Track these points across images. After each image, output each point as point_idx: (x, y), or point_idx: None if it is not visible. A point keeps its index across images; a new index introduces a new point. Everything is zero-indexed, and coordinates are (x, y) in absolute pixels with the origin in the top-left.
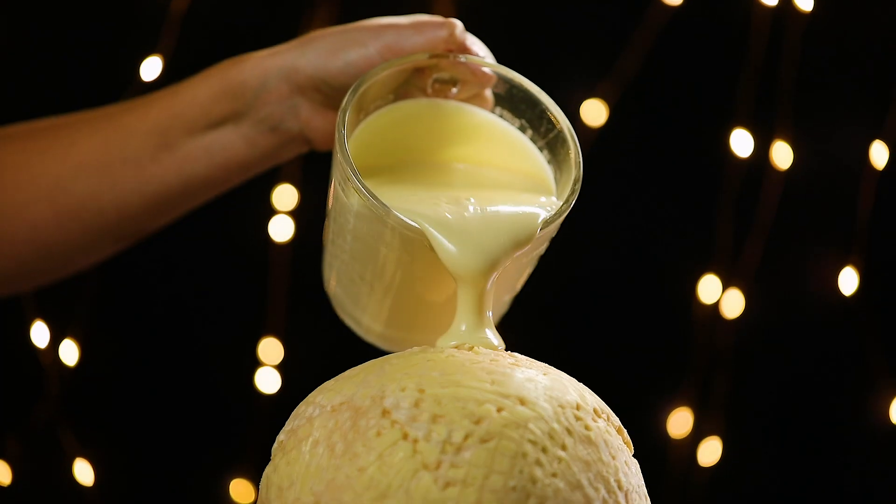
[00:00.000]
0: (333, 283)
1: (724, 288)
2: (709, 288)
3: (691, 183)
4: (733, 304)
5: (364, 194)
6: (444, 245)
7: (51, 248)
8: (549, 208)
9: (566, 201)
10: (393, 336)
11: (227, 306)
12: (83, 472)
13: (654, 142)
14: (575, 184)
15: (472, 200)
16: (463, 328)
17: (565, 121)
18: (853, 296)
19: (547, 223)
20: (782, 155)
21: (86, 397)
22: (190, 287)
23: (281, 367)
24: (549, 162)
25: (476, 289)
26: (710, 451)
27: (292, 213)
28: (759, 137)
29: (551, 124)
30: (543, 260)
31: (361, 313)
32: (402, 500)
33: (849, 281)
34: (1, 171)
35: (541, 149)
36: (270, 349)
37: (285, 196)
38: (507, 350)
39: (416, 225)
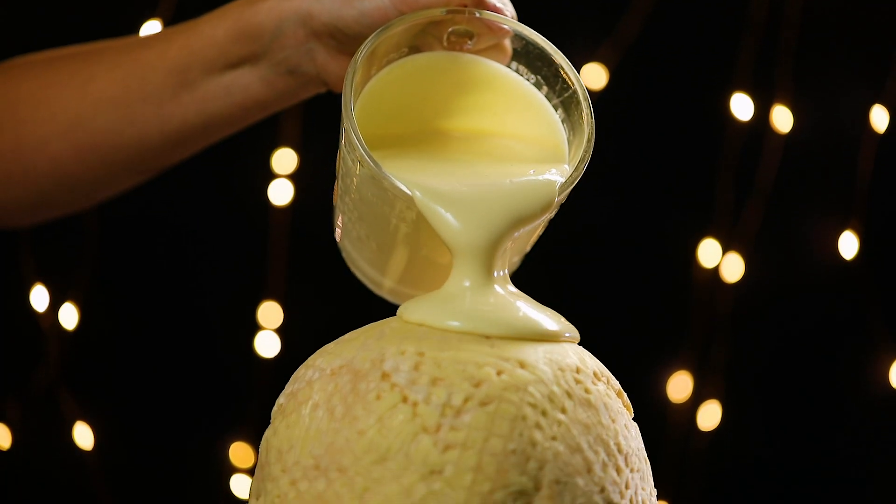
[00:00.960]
0: (343, 239)
1: (724, 252)
2: (708, 252)
3: (691, 147)
4: (733, 268)
5: (367, 162)
6: (443, 219)
7: (72, 181)
8: (559, 175)
9: (576, 169)
10: (403, 292)
11: (227, 270)
12: (83, 435)
13: (655, 106)
14: (586, 152)
15: (477, 172)
16: (466, 284)
17: (580, 82)
18: (853, 260)
19: (556, 196)
20: (783, 119)
21: (85, 361)
22: (190, 251)
23: (281, 331)
24: (562, 121)
25: (477, 262)
26: (709, 415)
27: (292, 177)
28: (759, 101)
29: (566, 84)
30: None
31: (370, 269)
32: (402, 463)
33: (849, 245)
34: (21, 104)
35: (555, 107)
36: (270, 313)
37: (285, 160)
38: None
39: (409, 193)
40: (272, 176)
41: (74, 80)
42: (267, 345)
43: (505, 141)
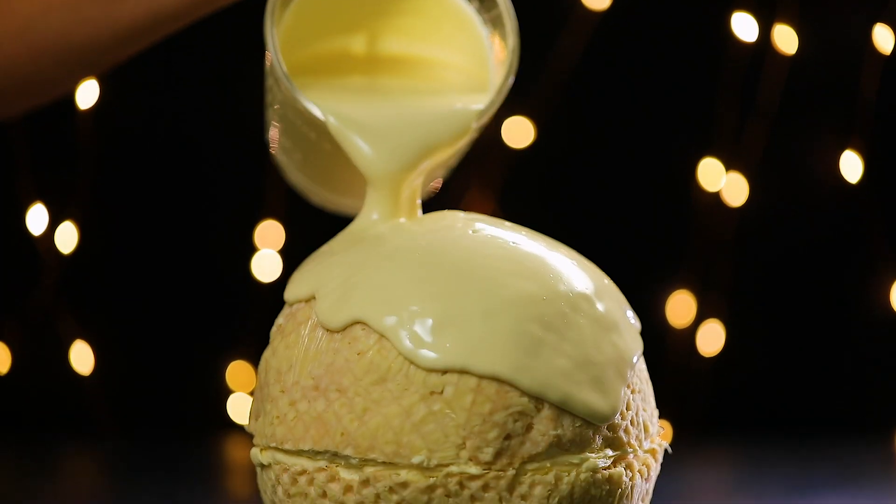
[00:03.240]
0: (276, 151)
1: (726, 173)
2: (710, 173)
3: (693, 67)
4: (735, 189)
5: (285, 84)
6: (355, 147)
7: (27, 80)
8: (477, 103)
9: (492, 100)
10: (334, 200)
11: (227, 188)
12: (81, 358)
13: (656, 25)
14: (504, 80)
15: (396, 100)
16: (374, 217)
17: (506, 2)
18: (857, 182)
19: (474, 122)
20: (786, 39)
21: (83, 282)
22: (189, 169)
23: (282, 253)
24: (491, 38)
25: (388, 190)
26: (710, 337)
27: None
28: (762, 21)
29: (494, 3)
30: (543, 144)
31: (301, 178)
32: (402, 383)
33: (853, 167)
34: None
35: (486, 23)
36: (270, 232)
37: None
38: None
39: (323, 119)
40: None
41: None
42: (267, 265)
43: (430, 65)
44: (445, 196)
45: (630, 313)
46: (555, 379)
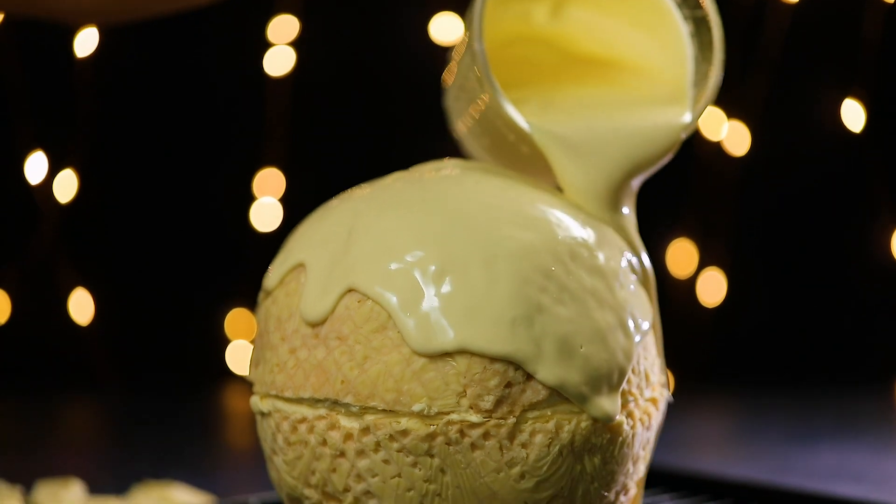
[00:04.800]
0: (462, 128)
1: (728, 121)
2: (711, 122)
3: None
4: (737, 138)
5: (491, 89)
6: (559, 160)
7: None
8: (680, 116)
9: (696, 112)
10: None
11: (226, 136)
12: (80, 307)
13: None
14: (709, 96)
15: (597, 111)
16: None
17: (713, 6)
18: (859, 131)
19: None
20: None
21: (83, 231)
22: (188, 117)
23: (283, 200)
24: (691, 36)
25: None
26: (711, 286)
27: (293, 44)
28: None
29: (698, 3)
30: None
31: (482, 155)
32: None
33: (855, 116)
34: None
35: (686, 19)
36: (270, 180)
37: (284, 27)
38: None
39: (529, 131)
40: (269, 45)
41: None
42: (266, 213)
43: (628, 70)
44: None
45: (636, 260)
46: (555, 333)
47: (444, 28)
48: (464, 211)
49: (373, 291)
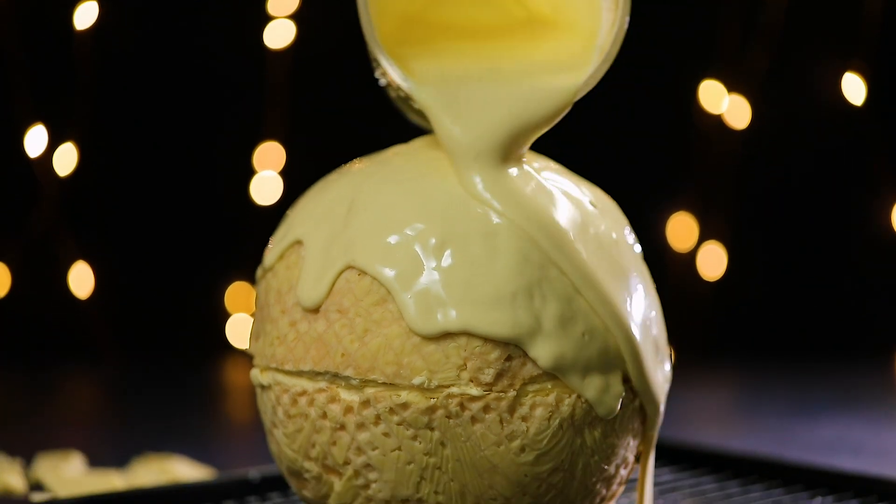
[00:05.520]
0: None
1: (728, 95)
2: (712, 95)
3: None
4: (738, 112)
5: (371, 45)
6: (439, 124)
7: None
8: (578, 77)
9: (594, 73)
10: None
11: (227, 109)
12: (80, 280)
13: None
14: (611, 51)
15: (493, 69)
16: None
17: None
18: (860, 103)
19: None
20: None
21: (83, 204)
22: (189, 90)
23: (283, 174)
24: None
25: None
26: (711, 260)
27: (293, 17)
28: None
29: None
30: None
31: (415, 118)
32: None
33: (856, 88)
34: None
35: None
36: (270, 154)
37: (284, 0)
38: None
39: (408, 92)
40: (269, 18)
41: None
42: (266, 187)
43: (542, 25)
44: None
45: (629, 235)
46: (555, 308)
47: None
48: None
49: (372, 269)
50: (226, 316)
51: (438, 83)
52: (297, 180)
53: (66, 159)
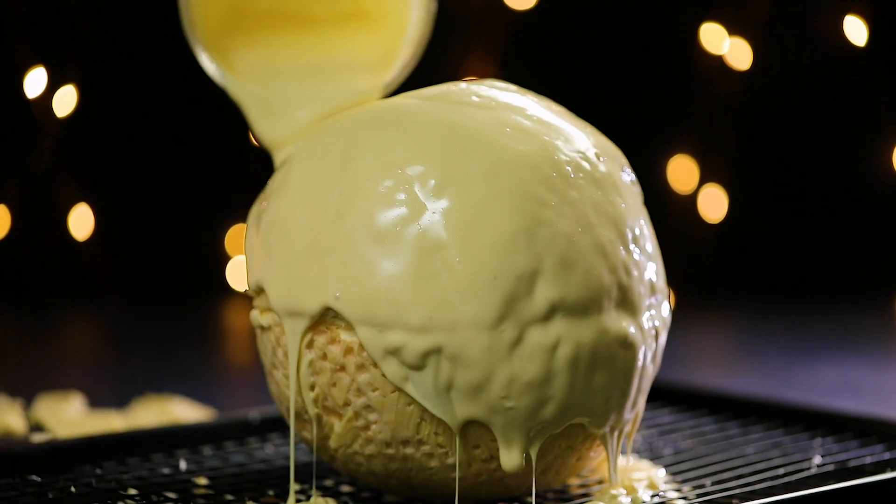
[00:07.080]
0: None
1: (729, 37)
2: (713, 37)
3: None
4: (739, 53)
5: (186, 32)
6: (250, 114)
7: None
8: (382, 78)
9: (397, 73)
10: None
11: None
12: (80, 222)
13: None
14: (416, 49)
15: (302, 66)
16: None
17: None
18: (862, 45)
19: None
20: None
21: (82, 146)
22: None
23: None
24: None
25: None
26: (712, 202)
27: None
28: None
29: None
30: (545, 7)
31: None
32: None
33: (858, 30)
34: None
35: None
36: None
37: None
38: None
39: (220, 81)
40: None
41: None
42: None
43: (362, 17)
44: (446, 61)
45: (627, 177)
46: (556, 248)
47: None
48: (465, 125)
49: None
50: (226, 258)
51: (254, 78)
52: None
53: (65, 100)
